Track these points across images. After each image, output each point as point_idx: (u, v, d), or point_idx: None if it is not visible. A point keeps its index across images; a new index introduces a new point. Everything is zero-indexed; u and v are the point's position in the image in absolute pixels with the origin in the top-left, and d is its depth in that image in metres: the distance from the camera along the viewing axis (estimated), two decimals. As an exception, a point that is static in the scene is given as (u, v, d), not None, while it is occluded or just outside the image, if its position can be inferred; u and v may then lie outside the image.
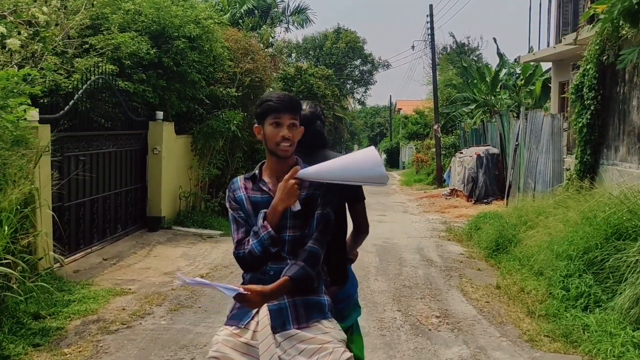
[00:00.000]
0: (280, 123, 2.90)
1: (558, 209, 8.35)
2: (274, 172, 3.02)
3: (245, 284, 2.93)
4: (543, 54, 17.86)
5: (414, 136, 49.69)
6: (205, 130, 13.58)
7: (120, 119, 11.16)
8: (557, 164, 13.14)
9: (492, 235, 9.64)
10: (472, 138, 24.33)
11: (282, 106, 2.90)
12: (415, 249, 10.65)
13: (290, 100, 2.95)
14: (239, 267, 3.04)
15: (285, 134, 2.89)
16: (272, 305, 2.85)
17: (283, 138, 2.89)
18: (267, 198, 2.96)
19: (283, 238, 2.91)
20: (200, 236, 12.07)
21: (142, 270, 9.02)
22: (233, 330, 2.88)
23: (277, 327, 2.81)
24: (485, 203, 18.33)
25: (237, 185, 3.08)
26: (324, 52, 55.68)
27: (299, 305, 2.86)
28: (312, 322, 2.85)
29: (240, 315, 2.92)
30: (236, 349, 2.81)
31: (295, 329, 2.81)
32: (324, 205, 2.94)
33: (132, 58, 11.62)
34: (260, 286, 2.81)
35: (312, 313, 2.87)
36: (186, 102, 13.18)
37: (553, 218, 8.00)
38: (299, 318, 2.84)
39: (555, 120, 13.28)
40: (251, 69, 15.15)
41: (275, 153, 2.96)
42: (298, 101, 3.01)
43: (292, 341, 2.79)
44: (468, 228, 12.81)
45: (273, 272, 2.88)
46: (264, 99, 3.01)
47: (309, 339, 2.78)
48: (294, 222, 2.92)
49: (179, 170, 13.22)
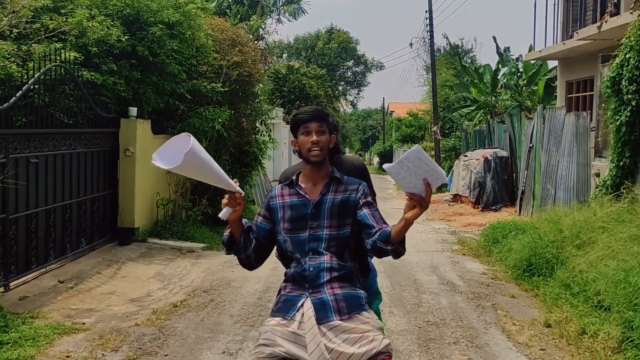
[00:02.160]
0: (309, 131, 3.21)
1: (613, 224, 6.85)
2: (309, 178, 3.32)
3: (288, 280, 3.20)
4: (550, 52, 16.56)
5: (407, 139, 48.68)
6: (186, 130, 12.02)
7: (86, 115, 9.63)
8: (582, 168, 11.68)
9: (524, 252, 8.12)
10: (475, 140, 22.86)
11: (308, 116, 3.22)
12: (430, 268, 9.13)
13: (315, 110, 3.27)
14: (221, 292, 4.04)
15: (314, 139, 3.18)
16: (315, 299, 3.05)
17: (312, 143, 3.19)
18: (303, 201, 3.27)
19: (320, 236, 3.17)
20: (179, 250, 10.51)
21: (104, 296, 7.46)
22: (280, 320, 3.04)
23: (321, 319, 3.00)
24: (494, 210, 16.86)
25: (274, 194, 3.37)
26: (316, 52, 54.13)
27: (340, 299, 3.06)
28: (353, 314, 3.04)
29: (286, 308, 3.08)
30: (284, 337, 2.96)
31: (338, 320, 2.99)
32: (369, 205, 3.22)
33: (101, 45, 10.09)
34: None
35: (352, 306, 3.06)
36: (165, 98, 11.64)
37: (608, 234, 6.50)
38: (340, 310, 3.03)
39: (581, 119, 11.81)
40: (239, 62, 13.62)
41: (308, 159, 3.26)
42: (324, 111, 3.31)
43: (336, 331, 2.96)
44: (483, 240, 11.32)
45: (312, 268, 3.12)
46: (294, 114, 3.34)
47: (351, 329, 2.97)
48: (330, 221, 3.18)
49: (157, 175, 11.67)
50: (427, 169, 2.80)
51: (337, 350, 2.89)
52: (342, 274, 3.13)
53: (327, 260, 3.12)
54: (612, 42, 13.05)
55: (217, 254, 10.43)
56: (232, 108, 13.54)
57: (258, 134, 16.00)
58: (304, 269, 3.13)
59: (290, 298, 3.11)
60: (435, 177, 2.82)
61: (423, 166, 2.80)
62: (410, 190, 2.84)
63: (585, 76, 15.90)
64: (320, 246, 3.15)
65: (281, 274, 3.37)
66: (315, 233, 3.16)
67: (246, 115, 14.89)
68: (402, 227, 2.95)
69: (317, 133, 3.19)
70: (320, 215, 3.18)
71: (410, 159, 2.79)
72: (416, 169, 2.81)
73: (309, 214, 3.20)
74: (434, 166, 2.80)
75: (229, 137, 13.33)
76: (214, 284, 8.07)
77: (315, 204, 3.20)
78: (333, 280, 3.10)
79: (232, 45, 13.77)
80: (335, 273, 3.11)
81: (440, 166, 18.96)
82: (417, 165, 2.80)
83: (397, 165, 2.82)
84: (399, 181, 2.87)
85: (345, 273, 3.14)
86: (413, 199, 2.87)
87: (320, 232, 3.16)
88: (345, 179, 3.28)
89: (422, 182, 2.82)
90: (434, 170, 2.81)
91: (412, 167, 2.81)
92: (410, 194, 2.86)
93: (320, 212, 3.18)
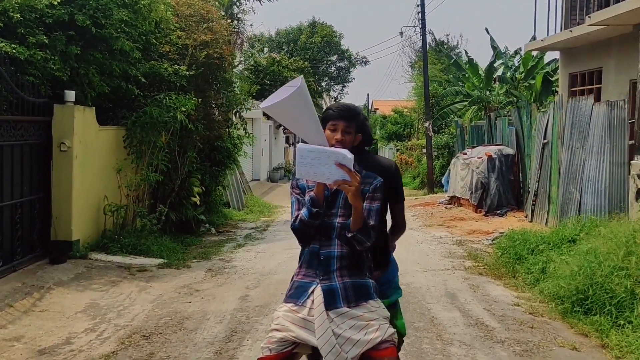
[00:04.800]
0: (336, 129, 3.27)
1: None
2: None
3: (302, 266, 3.26)
4: (554, 40, 14.75)
5: (393, 137, 47.08)
6: (142, 120, 9.93)
7: (7, 99, 7.54)
8: (618, 168, 9.74)
9: (575, 280, 6.11)
10: (471, 137, 20.92)
11: (338, 114, 3.29)
12: (447, 297, 7.10)
13: (347, 109, 3.32)
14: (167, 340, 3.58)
15: (339, 137, 3.25)
16: (325, 286, 3.12)
17: (337, 141, 3.24)
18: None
19: (333, 224, 3.18)
20: (127, 269, 8.43)
21: (4, 344, 5.37)
22: (291, 307, 3.14)
23: (329, 305, 3.07)
24: (499, 215, 14.90)
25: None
26: (299, 46, 52.04)
27: (348, 287, 3.13)
28: (361, 302, 3.11)
29: (298, 294, 3.17)
30: (295, 322, 3.09)
31: (346, 307, 3.08)
32: (372, 200, 3.20)
33: (27, 12, 8.00)
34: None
35: (360, 294, 3.13)
36: (114, 81, 9.54)
37: None
38: (348, 298, 3.10)
39: (616, 109, 9.87)
40: (208, 42, 11.53)
41: None
42: (355, 111, 3.33)
43: (343, 318, 3.05)
44: (501, 255, 9.36)
45: (323, 257, 3.17)
46: (327, 107, 3.39)
47: (358, 316, 3.06)
48: (343, 210, 3.18)
49: (104, 175, 9.57)
50: (327, 154, 2.95)
51: (343, 336, 3.01)
52: (352, 263, 3.17)
53: (337, 249, 3.17)
54: (626, 28, 11.60)
55: (175, 273, 8.38)
56: (200, 96, 11.47)
57: (232, 127, 13.92)
58: (316, 255, 3.18)
59: (302, 284, 3.18)
60: (340, 157, 2.95)
61: (321, 155, 2.96)
62: (334, 177, 2.97)
63: (591, 68, 14.31)
64: (332, 234, 3.18)
65: (251, 306, 4.03)
66: (329, 220, 3.19)
67: (218, 105, 12.81)
68: (353, 213, 3.08)
69: (342, 132, 3.27)
70: (335, 204, 3.20)
71: (303, 157, 2.96)
72: (317, 160, 2.96)
73: (325, 202, 3.20)
74: (329, 151, 2.97)
75: (196, 129, 11.26)
76: (161, 324, 6.00)
77: (332, 193, 3.21)
78: (343, 269, 3.15)
79: (199, 22, 11.69)
80: (345, 261, 3.16)
81: (432, 164, 17.02)
82: (316, 157, 2.95)
83: (300, 168, 2.99)
84: (318, 179, 3.02)
85: (355, 262, 3.18)
86: (340, 184, 3.00)
87: (334, 220, 3.19)
88: (363, 173, 3.24)
89: (334, 166, 2.96)
90: (333, 153, 2.96)
91: (312, 161, 2.96)
92: (334, 182, 2.99)
93: (335, 201, 3.21)
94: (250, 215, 16.20)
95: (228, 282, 7.91)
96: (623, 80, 12.83)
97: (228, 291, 7.40)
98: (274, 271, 8.64)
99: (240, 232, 13.03)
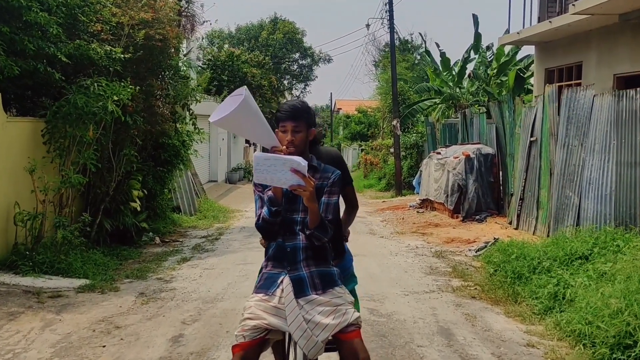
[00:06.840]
0: (286, 130, 3.29)
1: None
2: None
3: (269, 259, 3.36)
4: (530, 33, 13.70)
5: (357, 136, 45.87)
6: (65, 111, 8.21)
7: None
8: (627, 169, 8.35)
9: (617, 318, 4.62)
10: (443, 135, 19.53)
11: (285, 115, 3.29)
12: (440, 335, 5.55)
13: (293, 109, 3.30)
14: None
15: (289, 138, 3.27)
16: (293, 275, 3.23)
17: (288, 142, 3.27)
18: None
19: (295, 219, 3.28)
20: (36, 295, 6.71)
21: None
22: (262, 296, 3.22)
23: (298, 293, 3.19)
24: (478, 221, 13.49)
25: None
26: (260, 43, 50.26)
27: (315, 276, 3.25)
28: (327, 289, 3.23)
29: (268, 285, 3.26)
30: (266, 311, 3.17)
31: (314, 294, 3.19)
32: (330, 194, 3.30)
33: None
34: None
35: (326, 281, 3.26)
36: (28, 62, 7.80)
37: None
38: (315, 286, 3.22)
39: (625, 100, 8.47)
40: (148, 21, 9.83)
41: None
42: (301, 109, 3.32)
43: (312, 304, 3.17)
44: (494, 272, 7.89)
45: (289, 248, 3.27)
46: (277, 109, 3.43)
47: (325, 302, 3.18)
48: (304, 205, 3.20)
49: (13, 177, 7.83)
50: (282, 162, 3.01)
51: (313, 321, 3.13)
52: (317, 253, 3.30)
53: (303, 241, 3.27)
54: (610, 19, 10.65)
55: (97, 299, 6.69)
56: (140, 84, 9.77)
57: (179, 121, 12.22)
58: (282, 249, 3.28)
59: (271, 275, 3.29)
60: (295, 163, 3.00)
61: (276, 162, 3.02)
62: (290, 182, 3.02)
63: (569, 62, 13.25)
64: (296, 228, 3.29)
65: (184, 353, 3.73)
66: (292, 216, 3.28)
67: (162, 96, 11.10)
68: (309, 213, 3.16)
69: (292, 132, 3.28)
70: (297, 199, 3.26)
71: (260, 164, 3.03)
72: (273, 167, 3.03)
73: (285, 199, 3.28)
74: (284, 158, 3.02)
75: (134, 123, 9.56)
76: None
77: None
78: (309, 259, 3.28)
79: (138, -3, 10.00)
80: (311, 252, 3.28)
81: (401, 164, 15.68)
82: (272, 165, 3.02)
83: (257, 175, 3.06)
84: (275, 184, 3.09)
85: (319, 252, 3.31)
86: (296, 189, 3.05)
87: (296, 216, 3.29)
88: (322, 167, 3.36)
89: (290, 172, 3.02)
90: (288, 160, 3.01)
91: (269, 168, 3.03)
92: (290, 187, 3.04)
93: (297, 197, 3.24)
94: (203, 221, 14.49)
95: (160, 314, 6.25)
96: (606, 75, 11.60)
97: (158, 328, 5.75)
98: (220, 296, 7.01)
99: (188, 242, 11.33)
